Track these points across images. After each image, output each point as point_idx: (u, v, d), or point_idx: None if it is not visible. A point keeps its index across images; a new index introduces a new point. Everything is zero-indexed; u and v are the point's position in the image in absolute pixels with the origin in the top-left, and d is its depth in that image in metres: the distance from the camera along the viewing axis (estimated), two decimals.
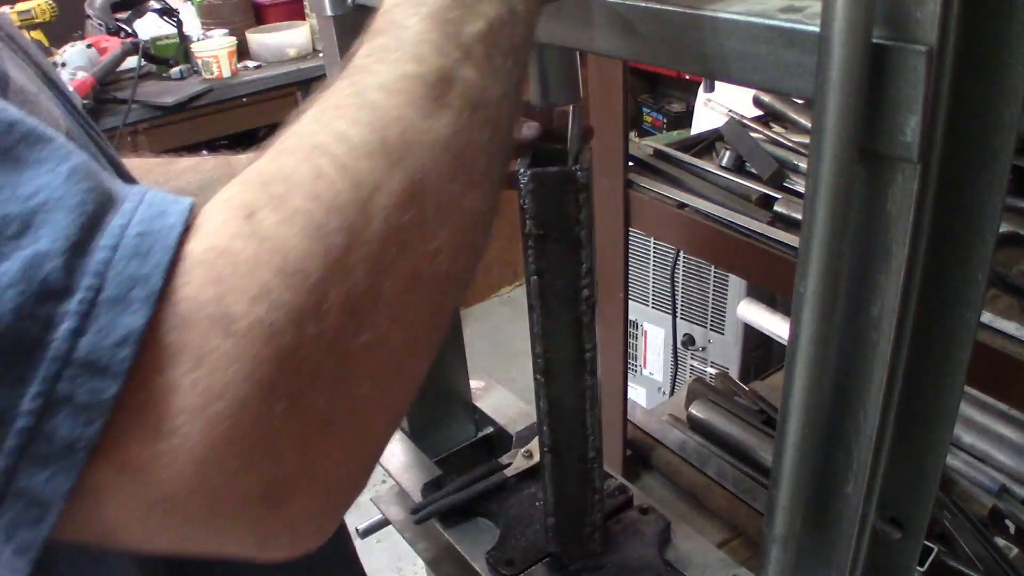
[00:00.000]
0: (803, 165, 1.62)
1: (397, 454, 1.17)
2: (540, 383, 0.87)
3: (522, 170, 0.76)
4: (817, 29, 0.43)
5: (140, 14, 2.84)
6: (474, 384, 1.26)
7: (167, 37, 2.84)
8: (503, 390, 1.27)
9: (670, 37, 0.54)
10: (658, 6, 0.54)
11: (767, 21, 0.48)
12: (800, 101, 1.71)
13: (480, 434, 1.26)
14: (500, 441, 1.22)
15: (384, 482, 2.77)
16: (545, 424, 0.90)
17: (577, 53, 0.77)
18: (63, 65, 2.49)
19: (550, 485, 0.94)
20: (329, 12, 0.91)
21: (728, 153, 1.64)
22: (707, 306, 2.31)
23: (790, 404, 0.49)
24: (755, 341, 2.25)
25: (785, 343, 0.48)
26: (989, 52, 0.39)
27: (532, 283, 0.81)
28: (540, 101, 0.79)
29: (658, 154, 1.73)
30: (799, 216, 1.43)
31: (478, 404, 1.25)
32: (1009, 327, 1.09)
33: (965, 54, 0.39)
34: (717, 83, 2.09)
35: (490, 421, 1.23)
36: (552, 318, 0.83)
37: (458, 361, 1.22)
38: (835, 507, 0.52)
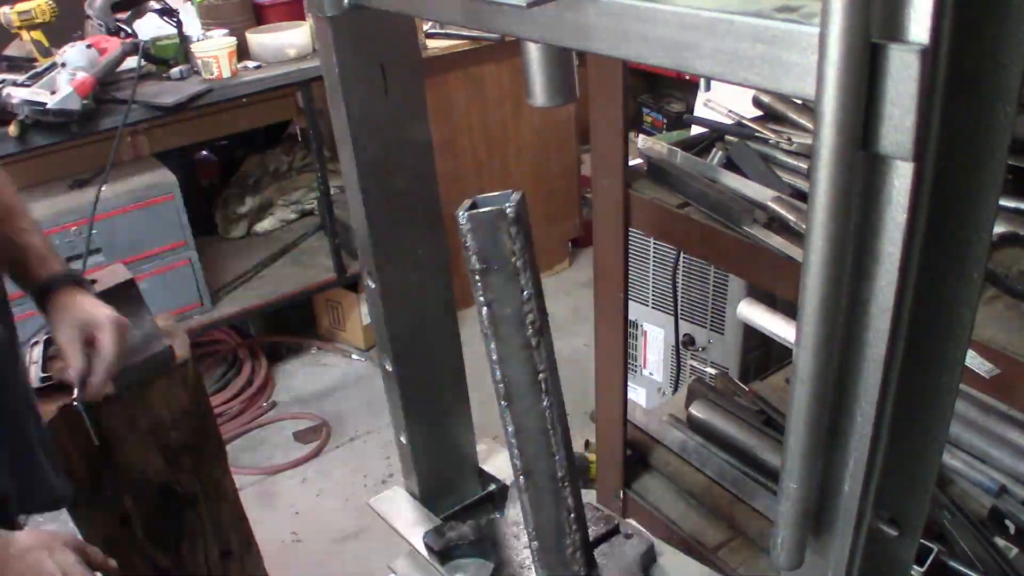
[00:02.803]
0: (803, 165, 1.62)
1: (404, 513, 1.21)
2: (503, 408, 0.91)
3: (461, 213, 0.83)
4: (814, 29, 0.43)
5: (140, 14, 2.83)
6: (479, 447, 1.28)
7: (167, 37, 2.84)
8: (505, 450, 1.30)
9: (667, 37, 0.53)
10: (655, 5, 0.53)
11: (764, 22, 0.47)
12: (799, 101, 1.71)
13: (484, 491, 1.28)
14: (503, 496, 1.25)
15: (384, 482, 2.76)
16: (515, 447, 0.93)
17: (574, 53, 0.78)
18: (63, 65, 2.48)
19: (527, 507, 0.96)
20: (327, 12, 0.91)
21: (720, 153, 1.65)
22: (707, 306, 2.31)
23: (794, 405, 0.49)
24: (755, 341, 2.25)
25: (785, 343, 0.48)
26: (984, 52, 0.39)
27: (483, 313, 0.86)
28: (538, 102, 0.81)
29: None
30: (791, 218, 1.43)
31: (483, 466, 1.28)
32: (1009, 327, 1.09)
33: (960, 54, 0.39)
34: (716, 83, 2.09)
35: (493, 479, 1.27)
36: (504, 344, 0.87)
37: (465, 425, 1.25)
38: (832, 506, 0.52)
